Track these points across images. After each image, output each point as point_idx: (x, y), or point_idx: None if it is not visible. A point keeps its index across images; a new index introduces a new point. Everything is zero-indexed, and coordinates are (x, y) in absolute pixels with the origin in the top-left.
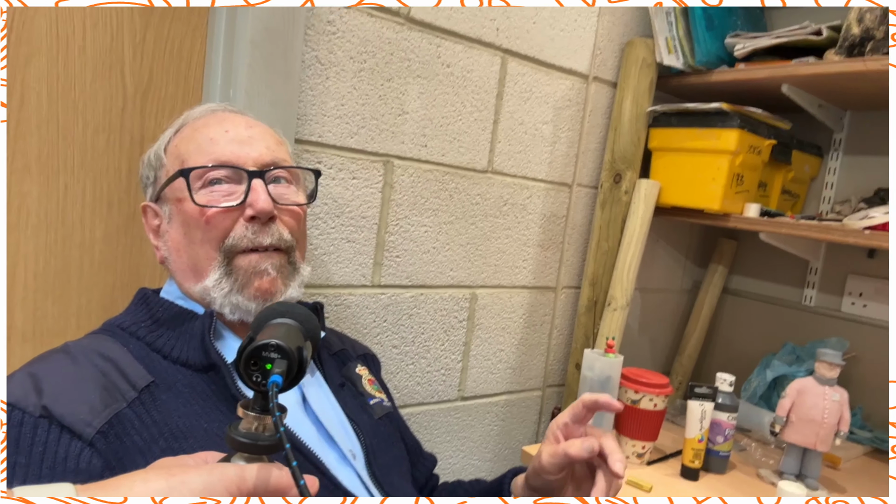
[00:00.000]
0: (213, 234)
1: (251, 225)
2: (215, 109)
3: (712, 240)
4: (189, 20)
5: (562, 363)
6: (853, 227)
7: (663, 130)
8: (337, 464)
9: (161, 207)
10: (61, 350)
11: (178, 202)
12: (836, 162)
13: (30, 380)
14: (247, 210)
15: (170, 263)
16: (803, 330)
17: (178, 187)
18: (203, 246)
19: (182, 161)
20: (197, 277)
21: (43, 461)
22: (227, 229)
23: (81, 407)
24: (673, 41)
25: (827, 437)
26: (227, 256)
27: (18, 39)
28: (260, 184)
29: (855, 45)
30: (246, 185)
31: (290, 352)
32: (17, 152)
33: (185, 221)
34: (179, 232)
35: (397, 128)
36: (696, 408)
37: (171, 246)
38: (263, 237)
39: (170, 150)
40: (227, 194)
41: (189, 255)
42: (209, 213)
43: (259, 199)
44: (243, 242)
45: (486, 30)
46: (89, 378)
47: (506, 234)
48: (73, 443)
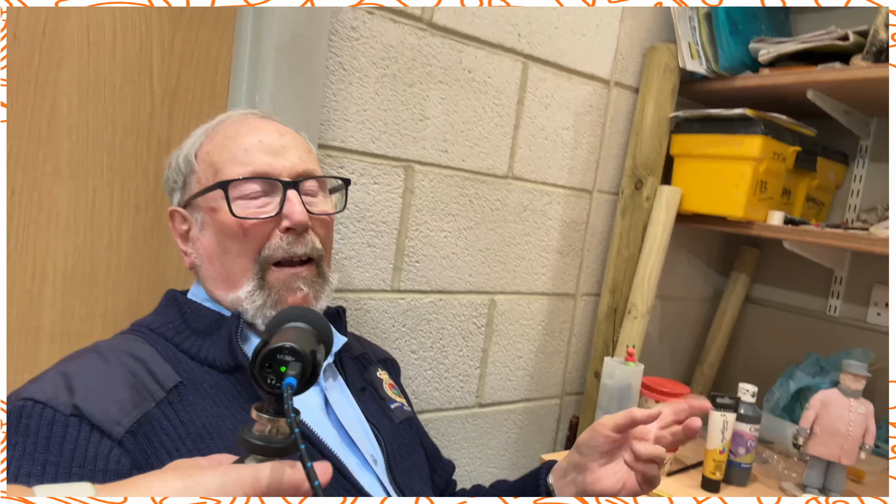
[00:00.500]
0: (250, 245)
1: (286, 236)
2: (245, 115)
3: (735, 247)
4: (216, 26)
5: (580, 371)
6: (879, 235)
7: (686, 136)
8: (358, 468)
9: (191, 214)
10: (92, 349)
11: (212, 211)
12: (862, 169)
13: (61, 378)
14: (283, 221)
15: (201, 270)
16: (828, 340)
17: (213, 197)
18: (239, 258)
19: (216, 170)
20: (229, 287)
21: (73, 460)
22: (264, 241)
23: (111, 406)
24: (696, 46)
25: (851, 450)
26: (262, 268)
27: (51, 44)
28: (295, 195)
29: (882, 51)
30: (281, 195)
31: (304, 355)
32: (48, 155)
33: (221, 231)
34: (213, 241)
35: (418, 133)
36: (717, 418)
37: (203, 254)
38: (298, 247)
39: (201, 156)
40: (262, 205)
41: (223, 265)
42: (247, 225)
43: (295, 210)
44: (278, 253)
45: (508, 35)
46: (119, 377)
47: (525, 240)
48: (103, 442)
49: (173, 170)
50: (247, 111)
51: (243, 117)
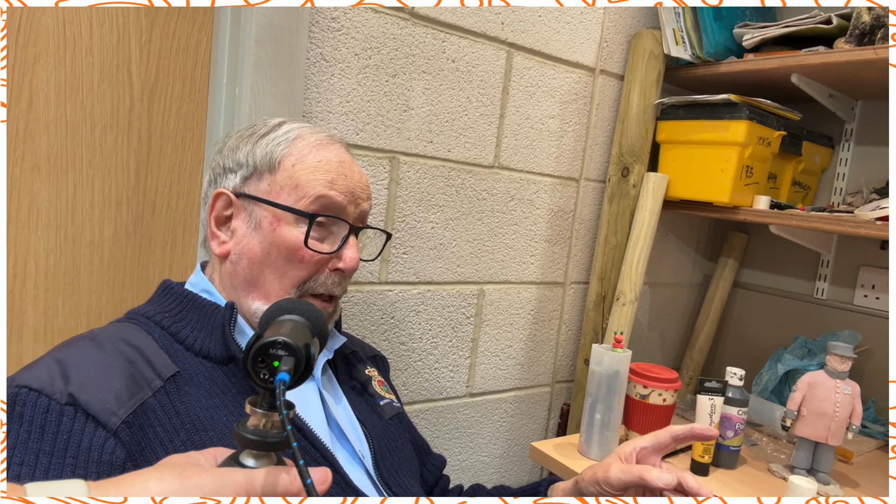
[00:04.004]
0: (300, 272)
1: (333, 275)
2: (335, 142)
3: (722, 233)
4: (194, 19)
5: (570, 359)
6: (865, 218)
7: (671, 123)
8: (348, 462)
9: (245, 206)
10: (88, 336)
11: (276, 221)
12: (847, 152)
13: (57, 366)
14: (337, 262)
15: (235, 265)
16: (815, 323)
17: (292, 214)
18: (284, 279)
19: (296, 185)
20: (259, 295)
21: (67, 451)
22: (313, 272)
23: (107, 395)
24: (680, 32)
25: (838, 431)
26: (301, 295)
27: (26, 40)
28: (355, 241)
29: (865, 34)
30: (345, 236)
31: (297, 349)
32: (26, 152)
33: (276, 245)
34: (262, 247)
35: (403, 124)
36: (705, 402)
37: (246, 253)
38: (338, 289)
39: (286, 165)
40: (322, 237)
41: (262, 274)
42: (307, 254)
43: (353, 258)
44: (321, 289)
45: (491, 24)
46: (116, 366)
47: (513, 230)
48: (98, 432)
49: (243, 153)
50: (330, 133)
51: (333, 144)
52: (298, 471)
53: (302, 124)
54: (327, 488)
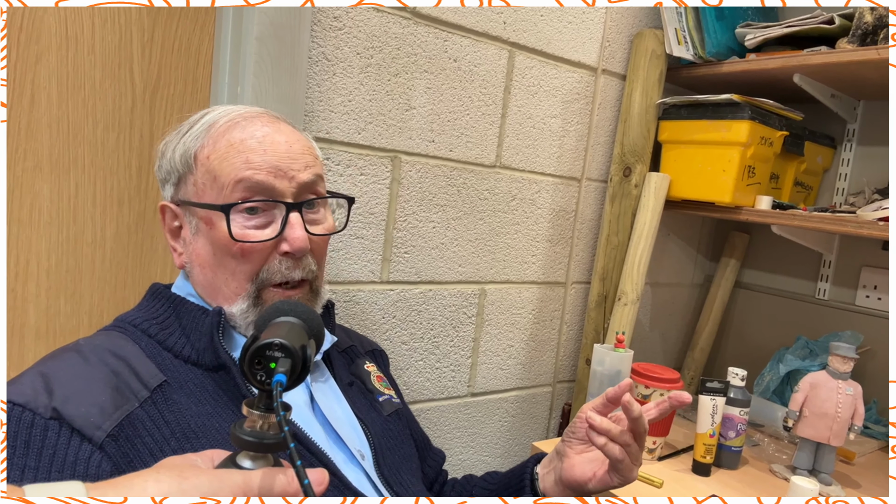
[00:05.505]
0: (246, 266)
1: (285, 259)
2: (249, 118)
3: (724, 233)
4: (196, 18)
5: (572, 359)
6: (867, 218)
7: (673, 123)
8: (345, 464)
9: (185, 214)
10: (73, 348)
11: (208, 222)
12: (849, 153)
13: (41, 379)
14: (282, 245)
15: (192, 273)
16: (817, 323)
17: (213, 211)
18: (235, 276)
19: (214, 177)
20: (222, 299)
21: (52, 465)
22: (262, 262)
23: (92, 409)
24: (683, 32)
25: (840, 432)
26: (258, 288)
27: (28, 39)
28: (297, 218)
29: (868, 33)
30: (283, 217)
31: (293, 350)
32: (28, 151)
33: (216, 244)
34: (207, 251)
35: (404, 123)
36: (707, 403)
37: (196, 259)
38: (296, 272)
39: (201, 159)
40: (261, 225)
41: (217, 277)
42: (245, 248)
43: (296, 237)
44: (276, 277)
45: (494, 23)
46: (101, 378)
47: (514, 229)
48: (83, 446)
49: (168, 161)
50: (250, 110)
51: (247, 121)
52: (296, 471)
53: (222, 109)
54: (324, 489)
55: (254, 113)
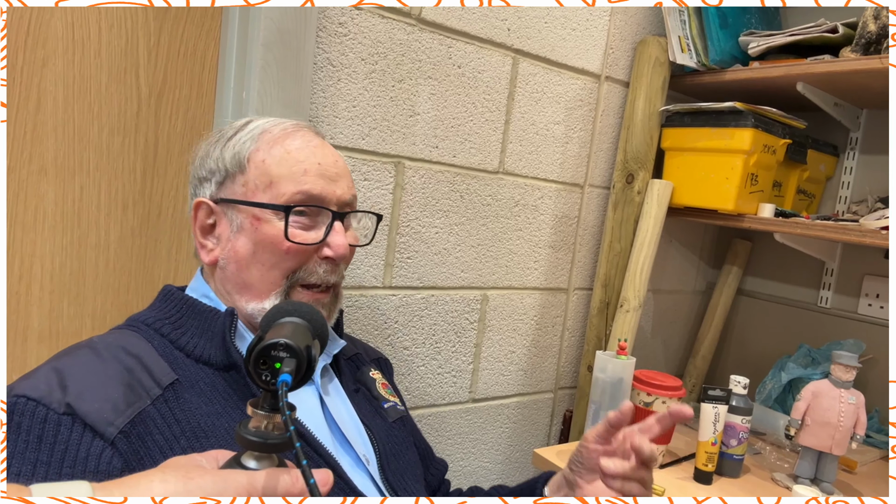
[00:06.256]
0: (288, 264)
1: (324, 263)
2: (302, 129)
3: (726, 240)
4: (202, 23)
5: (574, 365)
6: (870, 227)
7: (676, 130)
8: (351, 467)
9: (225, 212)
10: (87, 345)
11: (256, 220)
12: (852, 161)
13: (55, 375)
14: (325, 250)
15: (224, 271)
16: (819, 332)
17: (267, 210)
18: (272, 271)
19: (270, 181)
20: (252, 296)
21: (64, 460)
22: (302, 262)
23: (105, 405)
24: (686, 40)
25: (843, 441)
26: (290, 286)
27: (35, 43)
28: (340, 227)
29: (871, 43)
30: (328, 224)
31: (298, 350)
32: (33, 154)
33: (261, 242)
34: (248, 248)
35: (408, 129)
36: (709, 410)
37: (233, 256)
38: (332, 276)
39: (255, 161)
40: (307, 227)
41: (251, 273)
42: (293, 248)
43: (340, 244)
44: (313, 278)
45: (498, 30)
46: (114, 375)
47: (517, 235)
48: (95, 442)
49: (213, 160)
50: (299, 123)
51: (300, 131)
52: (301, 471)
53: (268, 119)
54: (329, 489)
55: (302, 125)
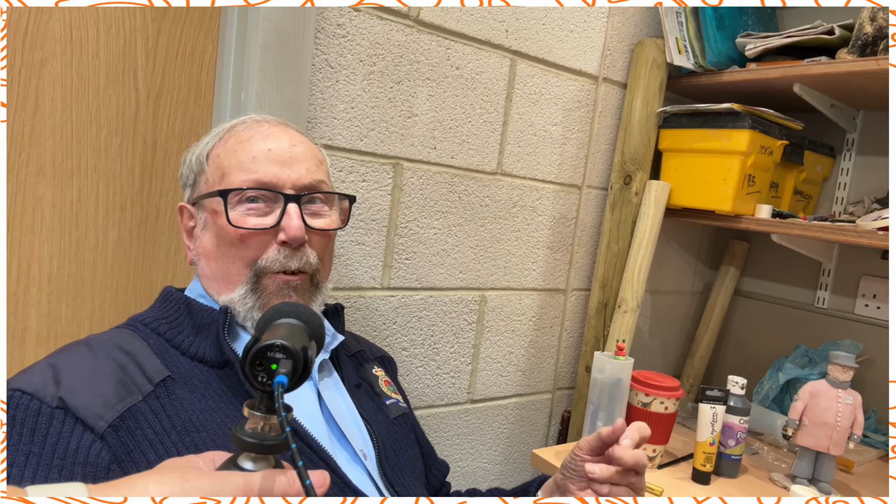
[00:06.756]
0: (245, 253)
1: (282, 249)
2: (261, 121)
3: (723, 241)
4: (201, 24)
5: (572, 366)
6: (866, 227)
7: (674, 131)
8: (347, 463)
9: (197, 212)
10: (83, 342)
11: (213, 213)
12: (848, 162)
13: (50, 370)
14: (279, 235)
15: (199, 267)
16: (816, 332)
17: (216, 200)
18: (234, 262)
19: (222, 173)
20: (223, 287)
21: (55, 452)
22: (261, 251)
23: (96, 400)
24: (683, 41)
25: (840, 441)
26: (257, 275)
27: (33, 44)
28: (294, 209)
29: (868, 44)
30: (282, 207)
31: (295, 352)
32: (31, 156)
33: (219, 234)
34: (212, 242)
35: (407, 130)
36: (707, 411)
37: (202, 252)
38: (292, 261)
39: (212, 157)
40: (262, 214)
41: (219, 266)
42: (243, 234)
43: (292, 225)
44: (275, 266)
45: (496, 31)
46: (107, 372)
47: (515, 236)
48: (85, 435)
49: (186, 166)
50: (264, 117)
51: (258, 123)
52: (297, 472)
53: (244, 117)
54: (326, 490)
55: (265, 118)
